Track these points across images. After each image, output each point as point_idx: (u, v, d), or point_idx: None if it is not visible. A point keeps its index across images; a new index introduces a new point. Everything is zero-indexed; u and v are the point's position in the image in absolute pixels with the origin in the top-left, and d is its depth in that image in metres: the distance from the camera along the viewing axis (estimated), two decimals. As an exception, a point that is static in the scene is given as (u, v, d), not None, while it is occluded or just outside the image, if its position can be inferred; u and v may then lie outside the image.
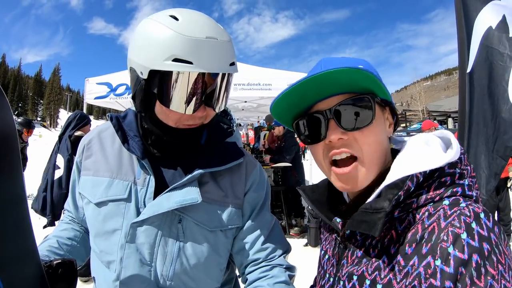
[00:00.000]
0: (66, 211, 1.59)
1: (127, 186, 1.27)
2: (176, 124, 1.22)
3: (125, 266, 1.22)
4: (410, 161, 0.91)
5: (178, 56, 1.07)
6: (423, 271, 0.78)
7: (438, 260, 0.76)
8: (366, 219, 0.87)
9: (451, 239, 0.76)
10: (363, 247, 0.97)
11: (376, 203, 0.87)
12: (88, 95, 7.98)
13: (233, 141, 1.43)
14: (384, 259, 0.88)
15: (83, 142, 1.44)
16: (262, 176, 1.47)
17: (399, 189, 0.85)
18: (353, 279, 0.94)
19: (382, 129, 1.00)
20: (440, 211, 0.82)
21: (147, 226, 1.23)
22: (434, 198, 0.86)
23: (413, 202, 0.87)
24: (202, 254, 1.27)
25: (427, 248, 0.80)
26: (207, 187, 1.29)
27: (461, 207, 0.81)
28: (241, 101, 10.94)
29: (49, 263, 1.11)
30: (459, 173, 0.88)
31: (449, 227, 0.78)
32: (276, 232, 1.42)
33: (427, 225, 0.82)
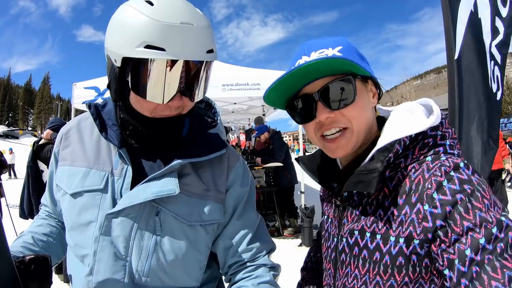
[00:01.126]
0: (43, 206, 1.54)
1: (104, 176, 1.21)
2: (151, 114, 1.16)
3: (98, 260, 1.15)
4: (397, 127, 1.03)
5: (150, 43, 1.02)
6: (415, 217, 0.92)
7: (426, 205, 0.90)
8: (362, 179, 0.99)
9: (435, 186, 0.89)
10: (360, 205, 1.09)
11: (370, 165, 1.00)
12: (76, 99, 7.88)
13: (216, 133, 1.37)
14: (380, 213, 1.02)
15: (61, 132, 1.38)
16: (246, 170, 1.43)
17: (389, 152, 0.98)
18: (354, 234, 1.08)
19: (366, 101, 1.10)
20: (424, 165, 0.96)
21: (122, 218, 1.16)
22: (419, 157, 0.99)
23: (401, 162, 1.01)
24: (180, 250, 1.21)
25: (415, 197, 0.93)
26: (188, 179, 1.24)
27: (441, 160, 0.94)
28: (230, 103, 10.92)
29: (21, 259, 1.06)
30: (440, 135, 1.01)
31: (432, 176, 0.91)
32: (261, 231, 1.39)
33: (413, 178, 0.96)
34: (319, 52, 1.06)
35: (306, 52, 1.09)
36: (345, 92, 1.04)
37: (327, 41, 1.10)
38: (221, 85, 7.66)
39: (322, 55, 1.04)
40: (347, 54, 1.05)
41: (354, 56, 1.07)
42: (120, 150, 1.22)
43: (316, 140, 1.15)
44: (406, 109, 1.10)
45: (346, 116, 1.05)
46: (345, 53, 1.05)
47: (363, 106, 1.08)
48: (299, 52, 1.12)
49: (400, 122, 1.05)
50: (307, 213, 6.95)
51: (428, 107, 1.09)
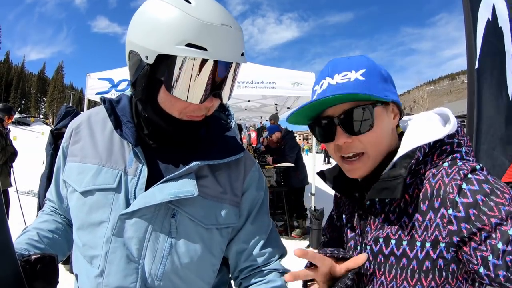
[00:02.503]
0: (48, 201, 1.48)
1: (117, 175, 1.17)
2: (180, 115, 1.13)
3: (109, 262, 1.11)
4: (417, 135, 1.09)
5: (191, 41, 0.99)
6: (440, 222, 0.96)
7: (450, 210, 0.94)
8: (386, 186, 1.03)
9: (456, 190, 0.94)
10: (383, 213, 1.12)
11: (393, 171, 1.04)
12: (89, 90, 7.86)
13: (232, 135, 1.35)
14: (404, 220, 1.04)
15: (71, 126, 1.33)
16: (261, 174, 1.41)
17: (411, 158, 1.03)
18: (379, 242, 1.10)
19: (386, 125, 1.12)
20: (442, 171, 1.01)
21: (136, 219, 1.12)
22: (438, 163, 1.05)
23: (421, 168, 1.06)
24: (195, 253, 1.17)
25: (438, 202, 0.97)
26: (205, 182, 1.21)
27: (458, 165, 1.00)
28: (244, 100, 10.90)
29: (26, 258, 1.01)
30: (457, 142, 1.07)
31: (452, 181, 0.96)
32: (273, 236, 1.38)
33: (434, 183, 1.00)
34: (342, 75, 1.10)
35: (330, 73, 1.13)
36: (363, 119, 1.08)
37: (351, 62, 1.13)
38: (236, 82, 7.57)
39: (345, 79, 1.09)
40: (370, 77, 1.09)
41: (376, 80, 1.10)
42: (135, 149, 1.16)
43: (336, 158, 1.20)
44: (424, 118, 1.16)
45: (363, 142, 1.10)
46: (368, 77, 1.09)
47: (382, 132, 1.11)
48: (323, 72, 1.17)
49: (419, 130, 1.11)
50: (317, 215, 6.88)
51: (444, 116, 1.15)
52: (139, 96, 1.16)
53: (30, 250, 1.18)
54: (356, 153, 1.12)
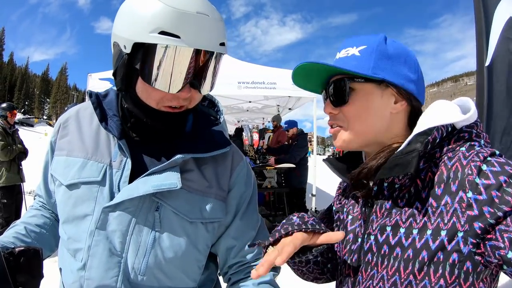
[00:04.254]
0: (37, 196, 1.48)
1: (102, 168, 1.16)
2: (157, 105, 1.12)
3: (92, 255, 1.09)
4: (434, 116, 1.00)
5: (164, 29, 0.99)
6: (458, 206, 0.86)
7: (469, 192, 0.84)
8: (398, 162, 0.95)
9: (475, 171, 0.85)
10: (391, 199, 1.03)
11: (407, 148, 0.96)
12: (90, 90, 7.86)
13: (220, 130, 1.33)
14: (417, 205, 0.96)
15: (59, 121, 1.33)
16: (249, 170, 1.40)
17: (428, 135, 0.95)
18: (386, 230, 1.01)
19: (374, 105, 1.08)
20: (459, 153, 0.92)
21: (120, 211, 1.11)
22: (455, 148, 0.96)
23: (436, 152, 0.98)
24: (180, 247, 1.16)
25: (455, 185, 0.88)
26: (190, 175, 1.20)
27: (476, 149, 0.91)
28: (245, 101, 10.92)
29: (10, 250, 1.01)
30: (475, 133, 0.98)
31: (471, 162, 0.87)
32: (262, 233, 1.37)
33: (450, 165, 0.92)
34: (344, 50, 1.12)
35: (339, 49, 1.15)
36: (340, 92, 1.09)
37: (358, 39, 1.12)
38: (237, 83, 7.61)
39: (344, 54, 1.11)
40: (366, 54, 1.07)
41: (372, 57, 1.07)
42: (119, 142, 1.16)
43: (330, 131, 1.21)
44: (442, 103, 1.07)
45: (345, 116, 1.10)
46: (364, 53, 1.07)
47: (365, 108, 1.08)
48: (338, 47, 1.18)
49: (437, 111, 1.02)
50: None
51: (463, 108, 1.04)
52: (119, 86, 1.16)
53: (16, 244, 1.18)
54: (337, 125, 1.13)
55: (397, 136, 1.10)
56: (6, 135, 6.17)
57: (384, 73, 1.05)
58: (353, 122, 1.09)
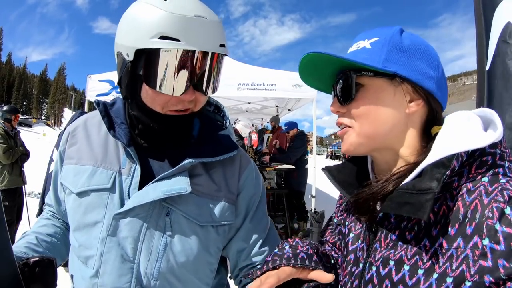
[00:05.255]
0: (47, 205, 1.50)
1: (111, 175, 1.18)
2: (163, 110, 1.14)
3: (104, 262, 1.12)
4: (454, 139, 0.84)
5: (164, 34, 1.02)
6: (471, 253, 0.73)
7: (486, 239, 0.71)
8: (409, 200, 0.81)
9: (497, 215, 0.72)
10: (398, 229, 0.92)
11: (421, 183, 0.81)
12: (90, 92, 7.89)
13: (227, 134, 1.35)
14: (425, 243, 0.83)
15: (68, 130, 1.35)
16: (258, 173, 1.41)
17: (446, 168, 0.79)
18: (389, 264, 0.89)
19: (384, 102, 0.96)
20: (481, 187, 0.78)
21: (131, 218, 1.13)
22: (476, 177, 0.81)
23: (454, 181, 0.83)
24: (191, 251, 1.18)
25: (471, 227, 0.75)
26: (199, 180, 1.22)
27: (501, 183, 0.76)
28: (244, 102, 10.88)
29: (25, 261, 1.02)
30: (499, 154, 0.83)
31: (493, 202, 0.73)
32: (272, 235, 1.39)
33: (469, 202, 0.78)
34: (356, 44, 1.02)
35: (353, 42, 1.05)
36: (346, 87, 0.99)
37: (371, 32, 1.02)
38: (237, 84, 7.59)
39: (355, 48, 1.01)
40: (377, 46, 0.96)
41: (384, 49, 0.95)
42: (128, 149, 1.18)
43: None
44: (463, 119, 0.90)
45: (352, 114, 0.99)
46: (375, 45, 0.97)
47: (374, 108, 0.96)
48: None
49: (457, 133, 0.86)
50: (317, 218, 6.85)
51: (485, 119, 0.90)
52: (124, 94, 1.19)
53: (29, 254, 1.19)
54: (344, 125, 1.02)
55: (410, 147, 0.97)
56: (8, 137, 6.17)
57: (397, 66, 0.93)
58: (361, 122, 0.97)
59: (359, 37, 1.04)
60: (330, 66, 1.03)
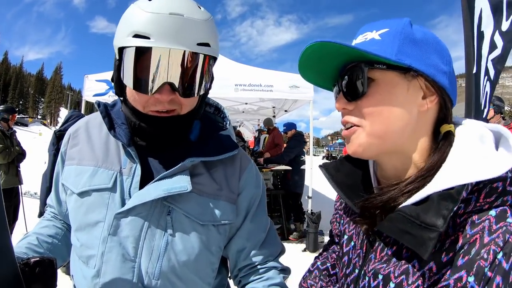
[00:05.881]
0: (49, 207, 1.50)
1: (112, 175, 1.19)
2: (144, 109, 1.15)
3: (106, 261, 1.12)
4: (466, 165, 0.78)
5: (138, 32, 1.04)
6: (453, 283, 0.72)
7: (471, 277, 0.70)
8: (412, 231, 0.77)
9: (491, 258, 0.69)
10: (395, 245, 0.88)
11: (426, 215, 0.76)
12: (87, 92, 7.88)
13: (227, 134, 1.36)
14: (415, 264, 0.81)
15: (69, 132, 1.36)
16: (258, 173, 1.41)
17: (454, 202, 0.75)
18: (378, 278, 0.87)
19: (398, 99, 0.88)
20: (486, 222, 0.73)
21: (132, 217, 1.13)
22: (484, 206, 0.76)
23: (460, 208, 0.78)
24: (193, 250, 1.18)
25: (463, 260, 0.73)
26: (200, 179, 1.22)
27: (507, 223, 0.72)
28: (241, 103, 10.89)
29: (25, 261, 1.01)
30: (510, 178, 0.77)
31: (492, 244, 0.70)
32: (272, 234, 1.39)
33: (469, 235, 0.74)
34: (362, 35, 0.94)
35: (356, 36, 0.97)
36: (356, 81, 0.89)
37: (379, 23, 0.94)
38: (234, 85, 7.59)
39: (362, 40, 0.93)
40: (389, 37, 0.88)
41: (396, 40, 0.87)
42: (128, 148, 1.19)
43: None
44: (476, 138, 0.85)
45: (362, 112, 0.90)
46: (386, 36, 0.89)
47: (387, 104, 0.88)
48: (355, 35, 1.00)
49: (470, 157, 0.80)
50: (313, 219, 6.88)
51: (496, 134, 0.84)
52: (115, 92, 1.22)
53: (29, 254, 1.19)
54: (352, 124, 0.93)
55: (421, 150, 0.91)
56: (5, 137, 6.16)
57: (410, 59, 0.86)
58: (372, 121, 0.89)
59: (365, 28, 0.96)
60: (336, 58, 0.94)
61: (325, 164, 1.16)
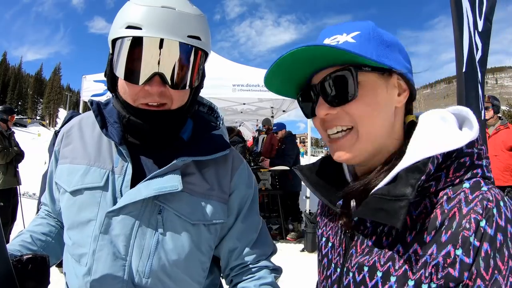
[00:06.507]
0: (43, 205, 1.51)
1: (104, 174, 1.19)
2: (135, 102, 1.16)
3: (97, 259, 1.12)
4: (429, 141, 0.83)
5: (130, 23, 1.07)
6: (442, 260, 0.73)
7: (459, 250, 0.72)
8: (384, 207, 0.79)
9: (474, 227, 0.72)
10: (374, 235, 0.89)
11: (395, 189, 0.79)
12: (85, 92, 7.92)
13: (219, 134, 1.36)
14: (398, 249, 0.82)
15: (63, 131, 1.37)
16: (250, 172, 1.42)
17: (421, 173, 0.78)
18: (363, 270, 0.87)
19: (382, 99, 0.90)
20: (461, 195, 0.77)
21: (123, 215, 1.14)
22: (454, 180, 0.80)
23: (431, 185, 0.81)
24: (183, 249, 1.18)
25: (447, 235, 0.75)
26: (191, 179, 1.23)
27: (483, 191, 0.75)
28: (239, 103, 10.87)
29: (18, 258, 1.03)
30: (477, 153, 0.82)
31: (472, 213, 0.73)
32: (263, 234, 1.40)
33: (447, 210, 0.77)
34: (332, 38, 0.92)
35: (321, 39, 0.96)
36: (346, 85, 0.87)
37: (346, 25, 0.94)
38: (232, 85, 7.62)
39: (334, 42, 0.91)
40: (363, 39, 0.89)
41: (372, 43, 0.89)
42: (120, 147, 1.20)
43: (324, 138, 1.00)
44: (437, 118, 0.89)
45: (350, 114, 0.89)
46: (360, 38, 0.89)
47: (375, 104, 0.89)
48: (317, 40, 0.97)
49: (432, 134, 0.85)
50: (311, 219, 6.88)
51: (460, 117, 0.90)
52: (107, 86, 1.24)
53: (23, 252, 1.20)
54: (343, 126, 0.92)
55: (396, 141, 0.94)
56: (3, 138, 6.16)
57: (389, 60, 0.89)
58: (364, 123, 0.89)
59: (331, 30, 0.95)
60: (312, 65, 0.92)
61: (299, 166, 1.17)
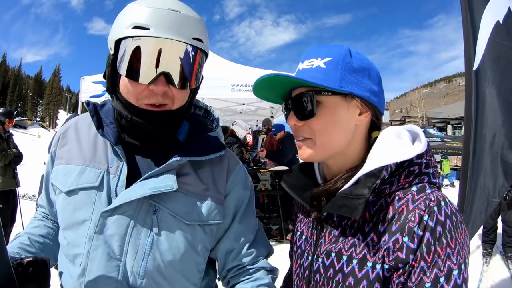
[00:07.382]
0: (40, 207, 1.52)
1: (99, 174, 1.20)
2: (138, 102, 1.16)
3: (91, 259, 1.13)
4: (385, 152, 1.03)
5: (137, 24, 1.09)
6: (392, 245, 0.94)
7: (405, 237, 0.92)
8: (346, 203, 0.99)
9: (417, 219, 0.91)
10: (340, 227, 1.10)
11: (356, 189, 1.00)
12: (83, 93, 7.90)
13: (215, 136, 1.38)
14: (359, 237, 1.02)
15: (59, 132, 1.38)
16: (246, 174, 1.44)
17: (376, 178, 0.98)
18: (331, 256, 1.07)
19: (340, 118, 1.09)
20: (409, 196, 0.97)
21: (118, 215, 1.15)
22: (404, 185, 1.00)
23: (386, 188, 1.01)
24: (178, 250, 1.19)
25: (396, 226, 0.95)
26: (187, 179, 1.24)
27: (427, 193, 0.96)
28: (239, 104, 10.89)
29: (19, 261, 1.03)
30: (425, 163, 1.03)
31: (416, 209, 0.93)
32: (260, 236, 1.42)
33: (397, 207, 0.97)
34: (308, 61, 1.12)
35: (302, 59, 1.15)
36: (308, 105, 1.08)
37: (322, 50, 1.13)
38: (231, 85, 7.61)
39: (309, 66, 1.11)
40: (332, 66, 1.07)
41: (339, 70, 1.07)
42: (115, 147, 1.20)
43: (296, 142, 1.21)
44: (393, 134, 1.10)
45: (311, 128, 1.10)
46: (330, 65, 1.08)
47: (332, 122, 1.08)
48: (300, 58, 1.18)
49: (388, 147, 1.05)
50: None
51: (413, 133, 1.11)
52: (106, 86, 1.25)
53: (22, 254, 1.21)
54: (304, 137, 1.13)
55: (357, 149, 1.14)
56: (1, 140, 6.17)
57: (350, 86, 1.07)
58: (321, 135, 1.09)
59: (310, 53, 1.14)
60: (288, 85, 1.13)
61: (284, 178, 1.33)
